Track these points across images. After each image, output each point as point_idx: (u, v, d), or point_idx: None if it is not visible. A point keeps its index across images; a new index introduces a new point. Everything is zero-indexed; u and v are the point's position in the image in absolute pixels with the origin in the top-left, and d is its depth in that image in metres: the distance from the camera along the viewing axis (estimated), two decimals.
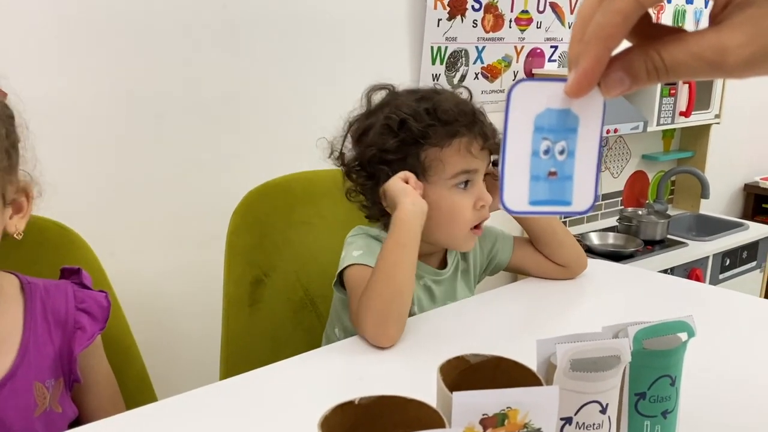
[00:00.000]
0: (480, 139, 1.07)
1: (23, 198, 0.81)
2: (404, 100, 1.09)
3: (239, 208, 1.29)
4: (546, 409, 0.57)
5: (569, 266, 1.19)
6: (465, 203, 1.08)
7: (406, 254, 0.98)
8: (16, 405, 0.80)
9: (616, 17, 0.42)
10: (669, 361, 0.69)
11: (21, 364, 0.81)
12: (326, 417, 0.55)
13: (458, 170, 1.07)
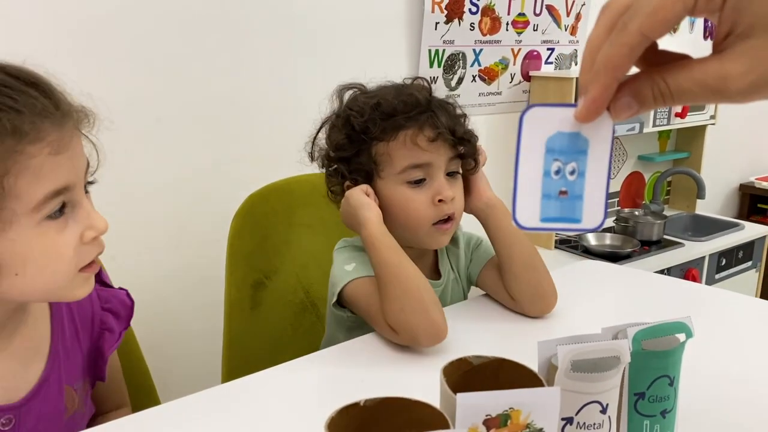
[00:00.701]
0: (429, 130, 1.02)
1: None
2: (360, 98, 1.08)
3: (240, 211, 1.30)
4: (548, 409, 0.58)
5: (519, 301, 1.07)
6: (419, 198, 1.03)
7: (399, 254, 0.98)
8: (47, 412, 0.79)
9: (623, 49, 0.45)
10: (667, 361, 0.69)
11: (51, 370, 0.81)
12: (332, 418, 0.56)
13: (406, 164, 1.03)
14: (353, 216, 1.03)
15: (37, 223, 0.69)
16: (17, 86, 0.69)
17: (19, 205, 0.67)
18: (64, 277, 0.72)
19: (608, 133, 0.50)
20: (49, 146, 0.68)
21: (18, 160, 0.66)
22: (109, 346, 0.87)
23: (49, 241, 0.70)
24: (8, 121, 0.65)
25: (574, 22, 2.29)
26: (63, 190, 0.70)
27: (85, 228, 0.73)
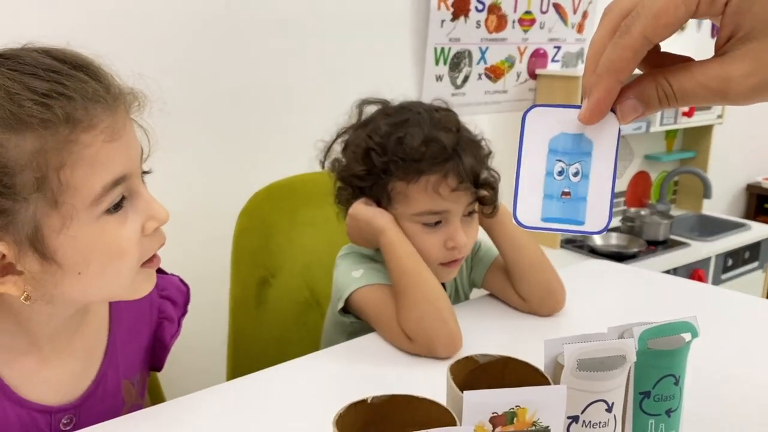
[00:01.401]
0: (452, 180, 0.98)
1: None
2: (382, 124, 1.03)
3: (245, 210, 1.30)
4: (554, 407, 0.58)
5: (529, 302, 1.07)
6: (431, 240, 1.02)
7: (418, 262, 0.98)
8: (106, 408, 0.79)
9: (626, 52, 0.45)
10: (673, 360, 0.69)
11: (109, 366, 0.80)
12: (341, 415, 0.56)
13: (423, 209, 1.01)
14: (364, 229, 1.01)
15: (96, 217, 0.66)
16: (65, 70, 0.65)
17: (77, 199, 0.64)
18: (128, 275, 0.69)
19: (614, 136, 0.50)
20: (104, 133, 0.64)
21: (73, 150, 0.63)
22: (170, 335, 0.85)
23: (111, 237, 0.67)
24: (60, 109, 0.61)
25: (581, 20, 2.29)
26: (121, 180, 0.67)
27: (146, 219, 0.70)
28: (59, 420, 0.75)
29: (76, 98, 0.63)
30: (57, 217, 0.64)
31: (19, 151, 0.61)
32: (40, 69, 0.63)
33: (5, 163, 0.61)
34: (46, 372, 0.74)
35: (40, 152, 0.61)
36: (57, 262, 0.65)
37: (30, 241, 0.63)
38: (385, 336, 0.98)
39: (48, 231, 0.64)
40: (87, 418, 0.77)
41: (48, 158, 0.62)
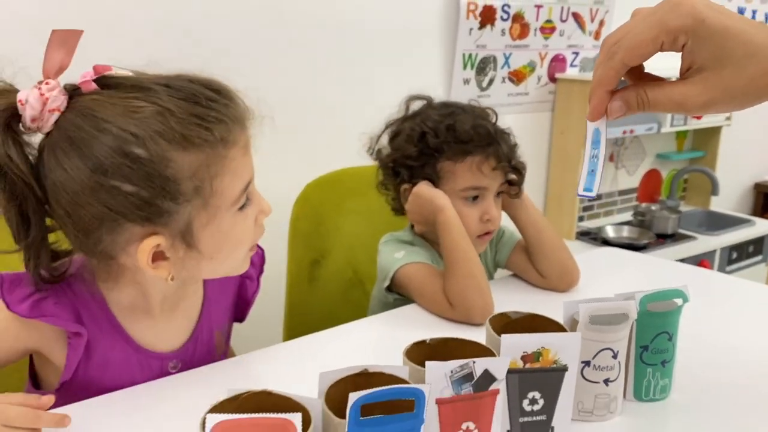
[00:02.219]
0: (493, 160, 1.16)
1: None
2: (432, 114, 1.21)
3: (299, 199, 1.48)
4: (571, 350, 0.75)
5: (549, 278, 1.22)
6: (470, 214, 1.18)
7: (467, 240, 1.14)
8: (202, 354, 0.94)
9: (610, 72, 0.65)
10: (667, 320, 0.86)
11: (203, 320, 0.95)
12: (408, 349, 0.73)
13: (467, 185, 1.18)
14: (425, 206, 1.17)
15: (233, 215, 0.80)
16: (216, 98, 0.77)
17: (222, 201, 0.78)
18: (242, 258, 0.85)
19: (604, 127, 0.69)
20: (242, 148, 0.80)
21: (224, 164, 0.77)
22: (251, 291, 1.02)
23: (239, 229, 0.82)
24: (218, 132, 0.75)
25: (598, 28, 2.42)
26: (249, 184, 0.82)
27: (258, 213, 0.85)
28: (167, 364, 0.92)
29: (227, 122, 0.77)
30: (205, 215, 0.78)
31: (185, 165, 0.74)
32: (197, 96, 0.76)
33: (174, 175, 0.74)
34: (157, 327, 0.90)
35: (201, 166, 0.75)
36: (199, 250, 0.80)
37: (181, 235, 0.77)
38: (427, 305, 1.15)
39: (197, 226, 0.78)
40: (188, 363, 0.94)
41: (206, 171, 0.76)
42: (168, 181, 0.74)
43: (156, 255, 0.78)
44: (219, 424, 0.54)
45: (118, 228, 0.76)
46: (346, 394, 0.58)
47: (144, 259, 0.77)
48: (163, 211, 0.75)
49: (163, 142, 0.73)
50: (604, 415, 0.83)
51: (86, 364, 0.85)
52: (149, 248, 0.77)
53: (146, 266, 0.78)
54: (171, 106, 0.74)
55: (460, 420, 0.69)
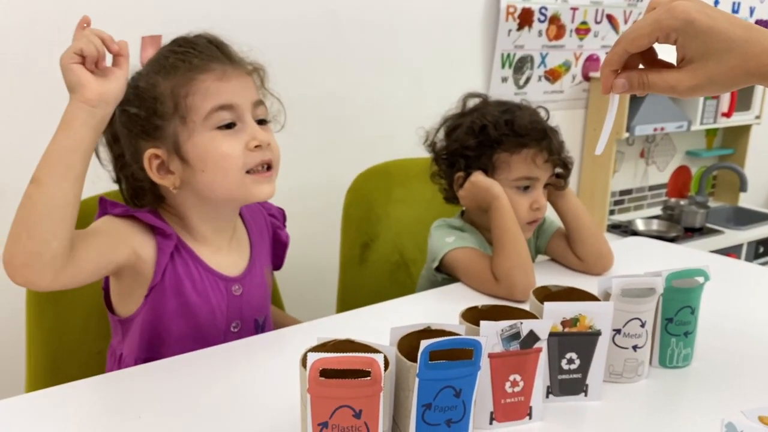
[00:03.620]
0: (545, 153, 1.27)
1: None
2: (491, 110, 1.32)
3: (351, 188, 1.60)
4: (604, 317, 0.87)
5: (586, 261, 1.32)
6: (522, 202, 1.29)
7: (518, 225, 1.24)
8: (257, 284, 1.10)
9: (614, 56, 0.80)
10: (690, 295, 0.96)
11: (254, 255, 1.11)
12: (463, 312, 0.85)
13: (521, 175, 1.28)
14: (480, 194, 1.27)
15: (209, 130, 0.95)
16: (201, 42, 0.99)
17: (196, 116, 0.94)
18: (235, 177, 0.97)
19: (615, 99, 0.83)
20: (215, 75, 0.96)
21: (192, 84, 0.95)
22: (285, 236, 1.19)
23: (218, 145, 0.95)
24: (189, 61, 0.95)
25: None
26: (226, 107, 0.96)
27: (249, 139, 0.97)
28: (231, 286, 1.06)
29: (200, 54, 0.96)
30: (186, 130, 0.95)
31: (166, 87, 0.95)
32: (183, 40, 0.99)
33: (158, 96, 0.95)
34: (219, 257, 1.06)
35: (174, 87, 0.95)
36: (189, 163, 0.96)
37: (174, 148, 0.96)
38: (473, 284, 1.26)
39: (182, 140, 0.95)
40: (248, 288, 1.09)
41: (179, 90, 0.94)
42: (156, 101, 0.94)
43: (160, 167, 0.97)
44: (318, 360, 0.66)
45: (133, 146, 0.97)
46: (413, 347, 0.70)
47: (150, 167, 0.97)
48: (156, 126, 0.95)
49: (152, 73, 0.96)
50: (632, 378, 0.94)
51: (173, 270, 1.00)
52: (150, 156, 0.96)
53: (154, 175, 0.97)
54: (164, 51, 0.98)
55: (509, 372, 0.82)
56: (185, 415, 0.83)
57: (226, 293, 1.05)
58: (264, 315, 1.12)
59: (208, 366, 0.95)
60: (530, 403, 0.83)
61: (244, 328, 1.08)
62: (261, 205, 1.19)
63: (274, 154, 1.01)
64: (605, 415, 0.86)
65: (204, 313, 1.03)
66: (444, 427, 0.73)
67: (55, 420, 0.81)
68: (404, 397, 0.73)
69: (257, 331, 1.11)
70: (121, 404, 0.86)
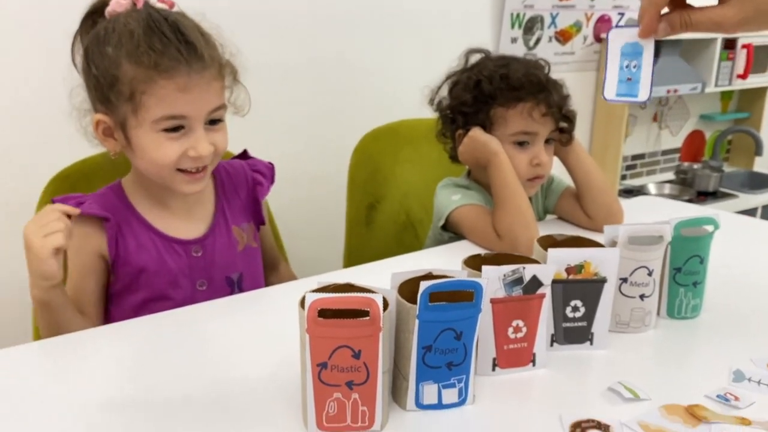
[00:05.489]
0: (543, 107, 1.23)
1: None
2: (489, 64, 1.30)
3: (357, 148, 1.59)
4: (610, 264, 0.85)
5: (596, 219, 1.29)
6: (520, 158, 1.26)
7: (517, 180, 1.23)
8: (223, 244, 1.12)
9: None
10: (699, 244, 0.94)
11: (220, 217, 1.13)
12: (465, 259, 0.84)
13: (517, 130, 1.26)
14: (479, 149, 1.26)
15: (155, 132, 0.98)
16: (172, 38, 0.96)
17: (146, 116, 0.97)
18: (166, 172, 1.01)
19: (652, 44, 0.81)
20: (176, 84, 0.96)
21: (152, 85, 0.95)
22: (261, 194, 1.19)
23: (159, 144, 0.98)
24: (156, 60, 0.94)
25: None
26: (178, 117, 0.98)
27: (189, 147, 1.00)
28: (190, 249, 1.09)
29: (170, 58, 0.95)
30: (134, 120, 0.98)
31: (127, 72, 0.96)
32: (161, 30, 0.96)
33: (119, 76, 0.96)
34: (178, 223, 1.09)
35: (135, 79, 0.95)
36: (132, 146, 1.00)
37: (121, 126, 0.99)
38: (477, 240, 1.26)
39: (129, 125, 0.99)
40: (210, 249, 1.11)
41: (138, 84, 0.95)
42: (115, 79, 0.97)
43: (105, 131, 1.01)
44: (317, 300, 0.65)
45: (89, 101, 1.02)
46: (414, 292, 0.69)
47: (96, 128, 1.01)
48: (109, 100, 0.98)
49: (122, 50, 0.96)
50: (639, 328, 0.93)
51: (125, 247, 1.05)
52: (98, 119, 1.00)
53: (99, 136, 1.02)
54: (140, 31, 0.96)
55: (511, 318, 0.80)
56: (184, 366, 0.83)
57: (186, 256, 1.09)
58: (238, 272, 1.14)
59: (210, 320, 0.96)
60: (533, 349, 0.82)
61: (213, 287, 1.11)
62: (246, 162, 1.21)
63: (216, 155, 1.04)
64: (611, 365, 0.85)
65: (165, 277, 1.07)
66: (445, 369, 0.72)
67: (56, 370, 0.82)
68: (404, 339, 0.72)
69: (231, 288, 1.13)
70: (123, 354, 0.86)
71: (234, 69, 1.06)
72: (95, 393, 0.76)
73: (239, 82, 1.08)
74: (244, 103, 1.09)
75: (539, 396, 0.79)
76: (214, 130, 1.03)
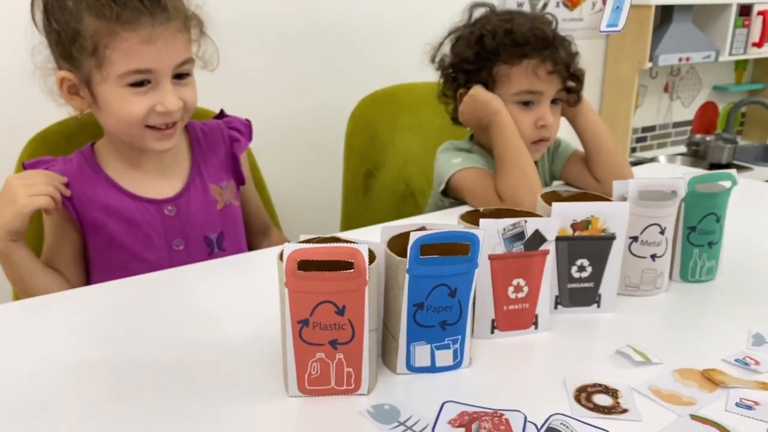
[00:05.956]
0: (549, 64, 1.16)
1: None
2: (493, 18, 1.22)
3: (354, 113, 1.52)
4: (619, 219, 0.79)
5: (605, 183, 1.22)
6: (524, 119, 1.19)
7: (521, 140, 1.16)
8: (199, 203, 1.08)
9: None
10: (715, 201, 0.88)
11: (195, 175, 1.09)
12: (463, 215, 0.78)
13: (521, 89, 1.18)
14: (480, 109, 1.19)
15: (121, 86, 0.94)
16: None
17: (111, 70, 0.93)
18: (135, 129, 0.98)
19: None
20: (140, 37, 0.92)
21: (115, 39, 0.92)
22: (239, 150, 1.15)
23: (125, 100, 0.95)
24: (118, 13, 0.91)
25: None
26: (144, 71, 0.94)
27: (157, 102, 0.96)
28: (163, 208, 1.05)
29: (133, 9, 0.92)
30: (99, 75, 0.94)
31: (90, 26, 0.92)
32: None
33: (81, 30, 0.92)
34: (151, 182, 1.06)
35: (98, 33, 0.92)
36: (98, 103, 0.97)
37: (86, 82, 0.96)
38: (479, 205, 1.19)
39: (94, 81, 0.95)
40: (185, 207, 1.07)
41: (101, 38, 0.92)
42: (77, 33, 0.93)
43: (70, 89, 0.98)
44: (296, 251, 0.59)
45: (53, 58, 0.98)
46: (406, 247, 0.63)
47: (61, 86, 0.97)
48: (72, 55, 0.94)
49: (82, 3, 0.93)
50: (649, 291, 0.87)
51: (91, 211, 1.02)
52: (63, 77, 0.97)
53: (64, 94, 0.98)
54: None
55: (511, 276, 0.74)
56: (162, 328, 0.78)
57: (158, 215, 1.05)
58: (217, 231, 1.10)
59: (191, 282, 0.91)
60: (536, 311, 0.76)
61: (190, 246, 1.07)
62: (222, 120, 1.17)
63: (186, 110, 1.01)
64: (619, 328, 0.79)
65: (136, 239, 1.04)
66: (438, 329, 0.67)
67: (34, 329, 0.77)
68: (393, 296, 0.66)
69: (210, 247, 1.09)
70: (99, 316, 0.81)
71: (200, 21, 1.02)
72: (71, 356, 0.71)
73: (207, 35, 1.04)
74: (212, 57, 1.05)
75: (541, 360, 0.73)
76: (182, 84, 1.00)
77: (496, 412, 0.61)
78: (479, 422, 0.60)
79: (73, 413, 0.61)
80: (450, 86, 1.28)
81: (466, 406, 0.62)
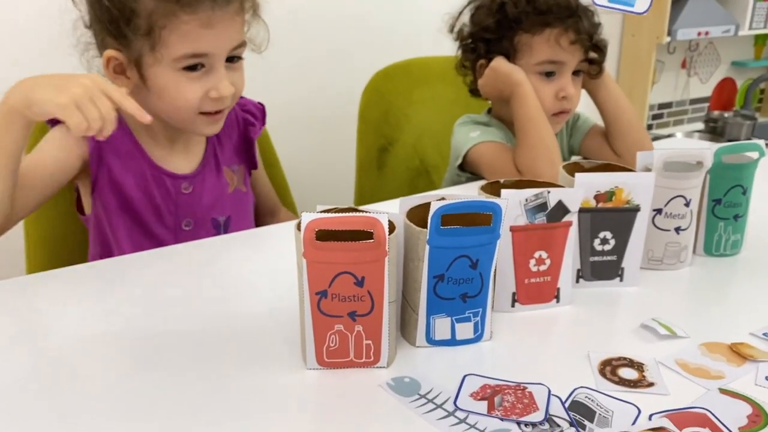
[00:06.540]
0: (572, 34, 1.14)
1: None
2: None
3: (368, 87, 1.50)
4: (644, 190, 0.77)
5: (625, 157, 1.20)
6: (546, 90, 1.17)
7: (542, 113, 1.14)
8: (213, 184, 1.07)
9: None
10: (742, 173, 0.86)
11: (210, 156, 1.08)
12: (483, 186, 0.76)
13: (543, 59, 1.16)
14: (501, 80, 1.17)
15: (175, 70, 0.92)
16: None
17: (165, 53, 0.91)
18: (187, 115, 0.96)
19: None
20: (199, 20, 0.90)
21: (173, 21, 0.89)
22: (254, 134, 1.13)
23: (180, 85, 0.93)
24: None
25: None
26: (201, 55, 0.92)
27: (211, 87, 0.94)
28: (180, 184, 1.04)
29: None
30: (152, 57, 0.91)
31: (147, 5, 0.89)
32: None
33: (136, 9, 0.89)
34: (171, 155, 1.04)
35: (155, 13, 0.89)
36: (147, 86, 0.94)
37: (135, 63, 0.92)
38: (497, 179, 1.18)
39: (145, 62, 0.92)
40: (200, 187, 1.05)
41: (157, 18, 0.89)
42: (132, 12, 0.89)
43: (117, 68, 0.94)
44: (314, 221, 0.58)
45: (99, 38, 0.95)
46: (426, 219, 0.62)
47: (107, 66, 0.94)
48: (123, 34, 0.91)
49: None
50: (673, 264, 0.85)
51: (108, 164, 0.99)
52: (110, 56, 0.93)
53: (109, 74, 0.94)
54: None
55: (533, 248, 0.72)
56: (182, 301, 0.76)
57: (174, 191, 1.03)
58: (226, 215, 1.08)
59: (208, 255, 0.89)
60: (558, 284, 0.75)
61: (198, 227, 1.05)
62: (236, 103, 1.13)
63: (235, 97, 0.99)
64: (643, 302, 0.77)
65: (148, 209, 1.02)
66: (459, 301, 0.65)
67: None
68: (413, 268, 0.64)
69: (217, 230, 1.07)
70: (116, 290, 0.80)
71: (255, 3, 0.99)
72: (88, 327, 0.70)
73: (259, 17, 1.00)
74: (263, 40, 1.02)
75: (564, 333, 0.72)
76: (233, 68, 0.98)
77: (519, 385, 0.60)
78: (502, 395, 0.58)
79: (91, 384, 0.60)
80: (469, 57, 1.25)
81: (487, 379, 0.61)
